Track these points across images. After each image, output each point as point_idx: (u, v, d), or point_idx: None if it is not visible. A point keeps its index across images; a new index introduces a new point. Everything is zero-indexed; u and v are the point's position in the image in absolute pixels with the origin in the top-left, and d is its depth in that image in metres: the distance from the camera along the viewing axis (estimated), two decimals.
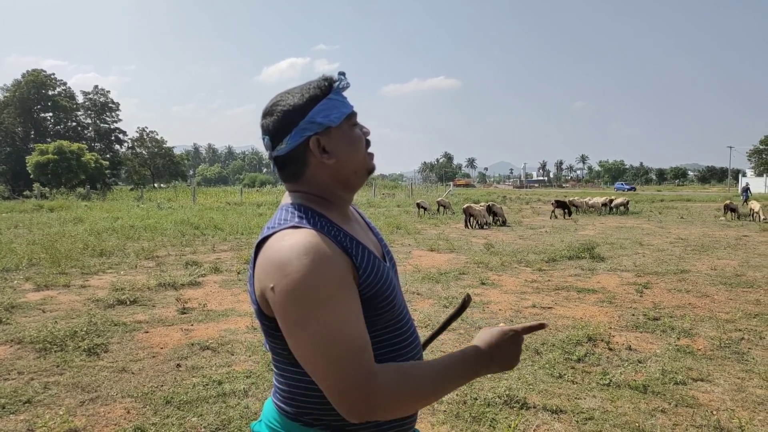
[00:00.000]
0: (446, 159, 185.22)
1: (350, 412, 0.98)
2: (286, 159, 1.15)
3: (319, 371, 0.98)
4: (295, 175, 1.16)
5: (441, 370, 1.05)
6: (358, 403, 0.97)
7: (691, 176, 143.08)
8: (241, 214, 19.79)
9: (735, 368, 4.38)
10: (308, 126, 1.11)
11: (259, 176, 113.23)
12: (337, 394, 0.97)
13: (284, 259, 1.00)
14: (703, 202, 34.20)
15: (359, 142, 1.18)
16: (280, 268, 1.00)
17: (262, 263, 1.05)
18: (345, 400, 0.97)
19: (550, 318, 5.89)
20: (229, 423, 3.36)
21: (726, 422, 3.39)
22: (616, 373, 4.21)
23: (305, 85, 1.16)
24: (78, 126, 63.40)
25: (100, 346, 4.75)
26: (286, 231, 1.06)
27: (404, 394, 1.00)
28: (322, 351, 0.97)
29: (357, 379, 0.96)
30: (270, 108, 1.15)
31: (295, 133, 1.11)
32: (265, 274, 1.03)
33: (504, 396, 3.70)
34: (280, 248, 1.02)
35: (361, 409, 0.97)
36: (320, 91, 1.14)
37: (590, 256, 10.14)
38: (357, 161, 1.17)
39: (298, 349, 1.00)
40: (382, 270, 1.13)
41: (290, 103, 1.13)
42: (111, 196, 36.70)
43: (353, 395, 0.96)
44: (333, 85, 1.16)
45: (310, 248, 1.00)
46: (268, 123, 1.15)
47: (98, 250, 10.29)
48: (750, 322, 5.73)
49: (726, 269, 8.95)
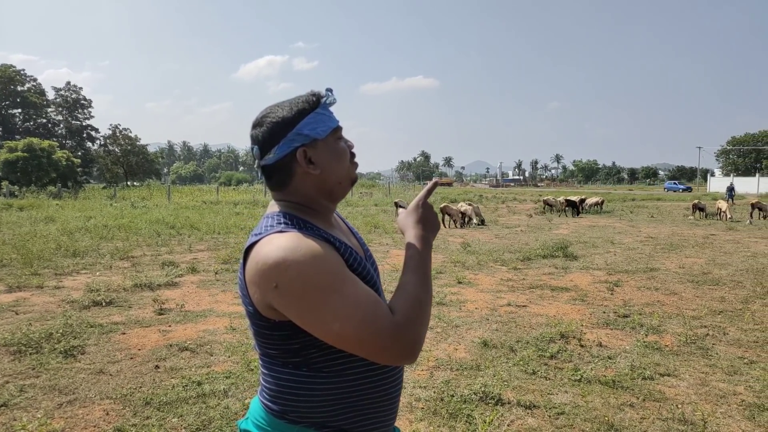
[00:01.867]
0: (423, 158, 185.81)
1: (402, 355, 1.08)
2: (274, 168, 1.21)
3: (358, 338, 1.05)
4: (282, 184, 1.22)
5: (415, 268, 1.19)
6: (403, 345, 1.07)
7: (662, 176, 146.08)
8: (218, 213, 19.63)
9: (700, 363, 4.57)
10: (296, 137, 1.18)
11: (236, 174, 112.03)
12: (383, 349, 1.06)
13: (279, 257, 1.06)
14: (672, 201, 35.04)
15: (344, 154, 1.25)
16: (276, 266, 1.06)
17: (255, 269, 1.10)
18: (393, 349, 1.07)
19: (525, 316, 6.03)
20: (209, 423, 3.39)
21: (690, 415, 3.55)
22: (587, 369, 4.35)
23: (294, 99, 1.23)
24: (48, 123, 61.99)
25: (77, 348, 4.71)
26: (273, 235, 1.12)
27: (419, 313, 1.12)
28: (350, 320, 1.05)
29: (391, 328, 1.06)
30: (260, 119, 1.22)
31: (283, 144, 1.18)
32: (261, 276, 1.08)
33: (480, 392, 3.80)
34: (271, 250, 1.08)
35: (408, 348, 1.08)
36: (308, 105, 1.21)
37: (564, 254, 10.36)
38: (341, 172, 1.24)
39: (326, 329, 1.06)
40: (365, 266, 1.21)
41: (279, 116, 1.19)
42: (83, 195, 35.94)
43: (397, 341, 1.06)
44: (320, 100, 1.23)
45: (301, 244, 1.08)
46: (258, 133, 1.21)
47: (71, 251, 10.13)
48: (715, 319, 5.96)
49: (693, 267, 9.24)
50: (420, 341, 1.09)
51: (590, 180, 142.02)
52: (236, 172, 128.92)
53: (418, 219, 1.28)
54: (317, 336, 1.09)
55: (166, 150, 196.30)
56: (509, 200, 34.72)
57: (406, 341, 1.07)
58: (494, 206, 28.49)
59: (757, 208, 20.14)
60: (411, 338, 1.07)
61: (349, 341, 1.06)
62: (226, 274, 8.40)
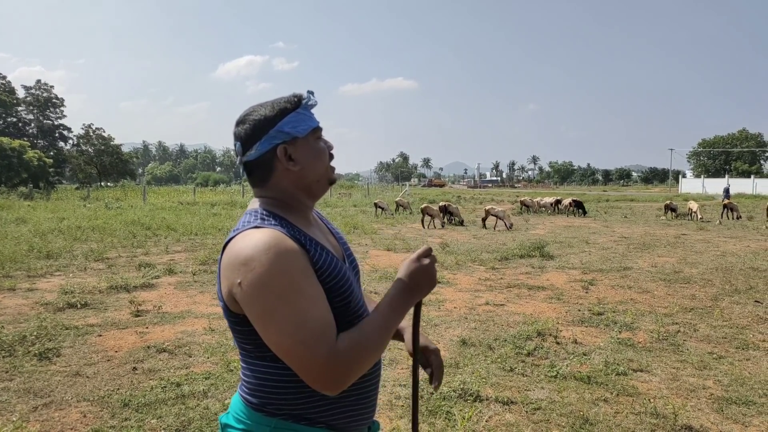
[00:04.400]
0: (402, 159, 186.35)
1: (324, 386, 1.09)
2: (255, 164, 1.25)
3: (291, 355, 1.08)
4: (263, 180, 1.26)
5: (385, 311, 1.17)
6: (330, 378, 1.08)
7: (635, 177, 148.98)
8: (195, 214, 19.41)
9: (671, 359, 4.70)
10: (277, 135, 1.23)
11: (213, 175, 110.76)
12: (309, 373, 1.08)
13: (248, 255, 1.10)
14: (645, 202, 35.79)
15: (323, 153, 1.30)
16: (245, 263, 1.09)
17: (228, 262, 1.14)
18: (318, 378, 1.08)
19: (503, 315, 6.13)
20: (189, 424, 3.38)
21: (662, 409, 3.66)
22: (562, 365, 4.44)
23: (276, 99, 1.28)
24: (19, 122, 60.50)
25: (52, 351, 4.64)
26: (249, 231, 1.15)
27: (363, 353, 1.11)
28: (290, 336, 1.07)
29: (326, 358, 1.07)
30: (243, 117, 1.27)
31: (265, 141, 1.22)
32: (231, 271, 1.12)
33: (459, 389, 3.86)
34: (244, 246, 1.11)
35: (333, 381, 1.08)
36: (290, 105, 1.26)
37: (540, 254, 10.53)
38: (319, 171, 1.29)
39: (269, 336, 1.10)
40: (339, 267, 1.23)
41: (262, 114, 1.24)
42: (55, 196, 35.13)
43: (325, 372, 1.07)
44: (302, 102, 1.28)
45: (272, 244, 1.10)
46: (241, 130, 1.25)
47: (44, 252, 9.93)
48: (686, 316, 6.13)
49: (665, 266, 9.47)
50: (347, 380, 1.10)
51: (566, 181, 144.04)
52: (213, 173, 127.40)
53: (414, 271, 1.22)
54: (262, 338, 1.12)
55: (141, 150, 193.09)
56: (487, 201, 35.05)
57: (334, 374, 1.07)
58: (472, 207, 28.73)
59: (729, 209, 20.71)
60: (340, 372, 1.08)
61: (284, 355, 1.09)
62: (204, 275, 8.33)
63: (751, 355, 4.84)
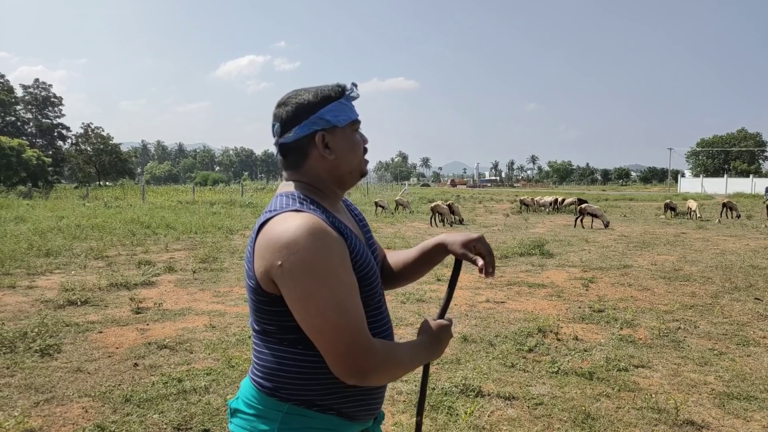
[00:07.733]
0: (401, 158, 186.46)
1: (348, 373, 1.11)
2: (291, 147, 1.26)
3: (328, 338, 1.10)
4: (296, 164, 1.27)
5: (411, 350, 1.26)
6: (358, 366, 1.11)
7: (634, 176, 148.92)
8: (194, 213, 19.40)
9: (672, 355, 4.71)
10: (317, 121, 1.24)
11: (212, 175, 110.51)
12: (341, 357, 1.10)
13: (291, 238, 1.10)
14: (644, 201, 35.79)
15: (358, 146, 1.31)
16: (287, 246, 1.10)
17: (266, 243, 1.14)
18: (347, 362, 1.10)
19: (503, 312, 6.13)
20: (191, 419, 3.38)
21: (663, 404, 3.66)
22: (564, 361, 4.45)
23: (320, 86, 1.29)
24: (18, 121, 60.47)
25: (53, 347, 4.63)
26: (289, 214, 1.16)
27: (390, 365, 1.18)
28: (332, 319, 1.09)
29: (362, 346, 1.11)
30: (285, 99, 1.27)
31: (305, 125, 1.24)
32: (270, 252, 1.12)
33: (460, 385, 3.86)
34: (286, 229, 1.11)
35: (359, 371, 1.11)
36: (333, 94, 1.27)
37: (540, 252, 10.53)
38: (353, 162, 1.30)
39: (309, 319, 1.11)
40: (368, 255, 1.26)
41: (305, 99, 1.25)
42: (54, 195, 35.11)
43: (356, 359, 1.10)
44: (345, 92, 1.29)
45: (315, 229, 1.11)
46: (282, 112, 1.26)
47: (44, 250, 9.92)
48: (686, 313, 6.13)
49: (665, 264, 9.48)
50: (371, 377, 1.14)
51: (565, 181, 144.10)
52: (212, 172, 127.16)
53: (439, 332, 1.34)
54: (298, 321, 1.13)
55: (140, 149, 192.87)
56: (486, 200, 35.04)
57: (365, 366, 1.11)
58: (472, 206, 28.73)
59: (728, 208, 20.73)
60: (370, 367, 1.12)
61: (321, 336, 1.11)
62: (204, 273, 8.33)
63: (752, 351, 4.84)
